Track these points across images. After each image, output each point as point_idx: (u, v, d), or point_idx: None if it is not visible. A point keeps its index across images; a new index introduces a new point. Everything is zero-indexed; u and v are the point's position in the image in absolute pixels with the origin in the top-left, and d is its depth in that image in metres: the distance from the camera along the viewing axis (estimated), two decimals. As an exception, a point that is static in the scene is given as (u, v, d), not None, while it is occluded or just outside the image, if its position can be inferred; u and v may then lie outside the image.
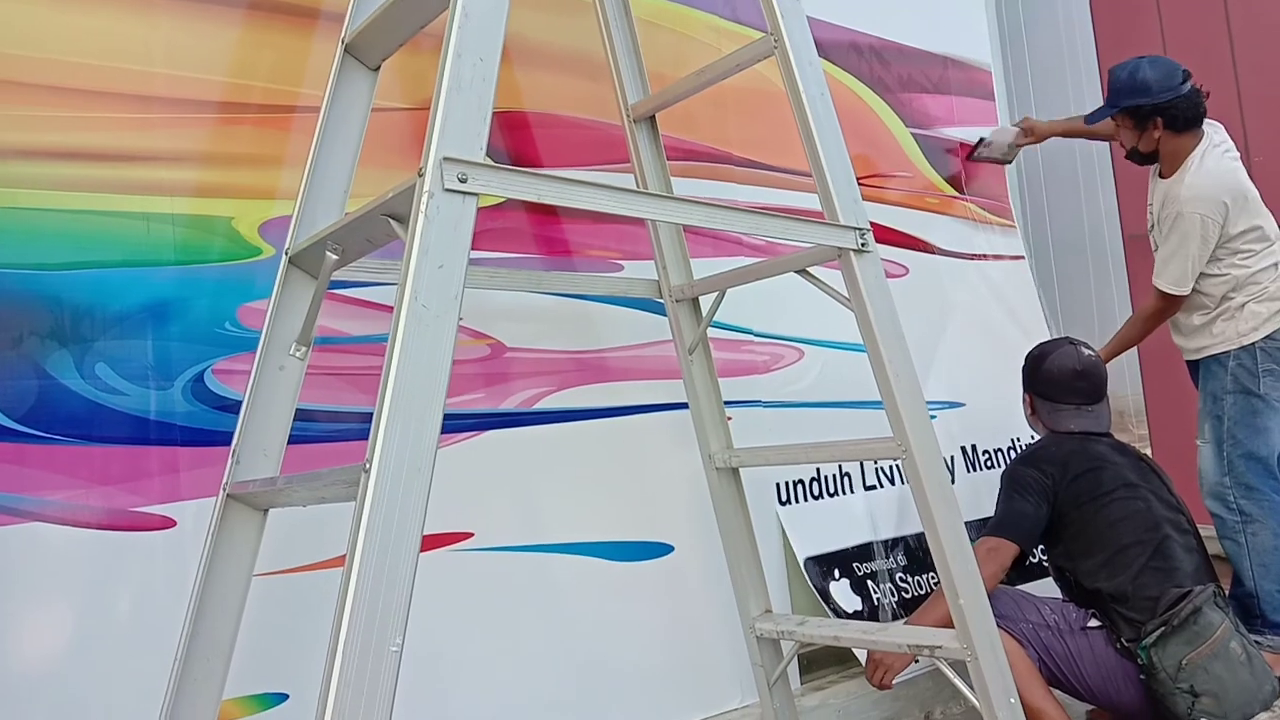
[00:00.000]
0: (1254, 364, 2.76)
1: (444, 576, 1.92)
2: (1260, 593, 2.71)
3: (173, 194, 1.75)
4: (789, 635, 2.03)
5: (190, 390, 1.72)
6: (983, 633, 1.77)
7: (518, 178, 1.35)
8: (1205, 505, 2.82)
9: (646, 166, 2.11)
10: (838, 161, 1.78)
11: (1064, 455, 2.42)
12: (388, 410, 1.13)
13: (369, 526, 1.09)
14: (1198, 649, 2.14)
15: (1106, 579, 2.25)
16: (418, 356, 1.16)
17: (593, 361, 2.23)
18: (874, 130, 3.06)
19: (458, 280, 1.20)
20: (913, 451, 1.75)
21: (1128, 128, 2.86)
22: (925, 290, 3.07)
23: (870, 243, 1.77)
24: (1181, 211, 2.75)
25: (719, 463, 2.09)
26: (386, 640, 1.07)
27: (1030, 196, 4.19)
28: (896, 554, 2.66)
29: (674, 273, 2.14)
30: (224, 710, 1.65)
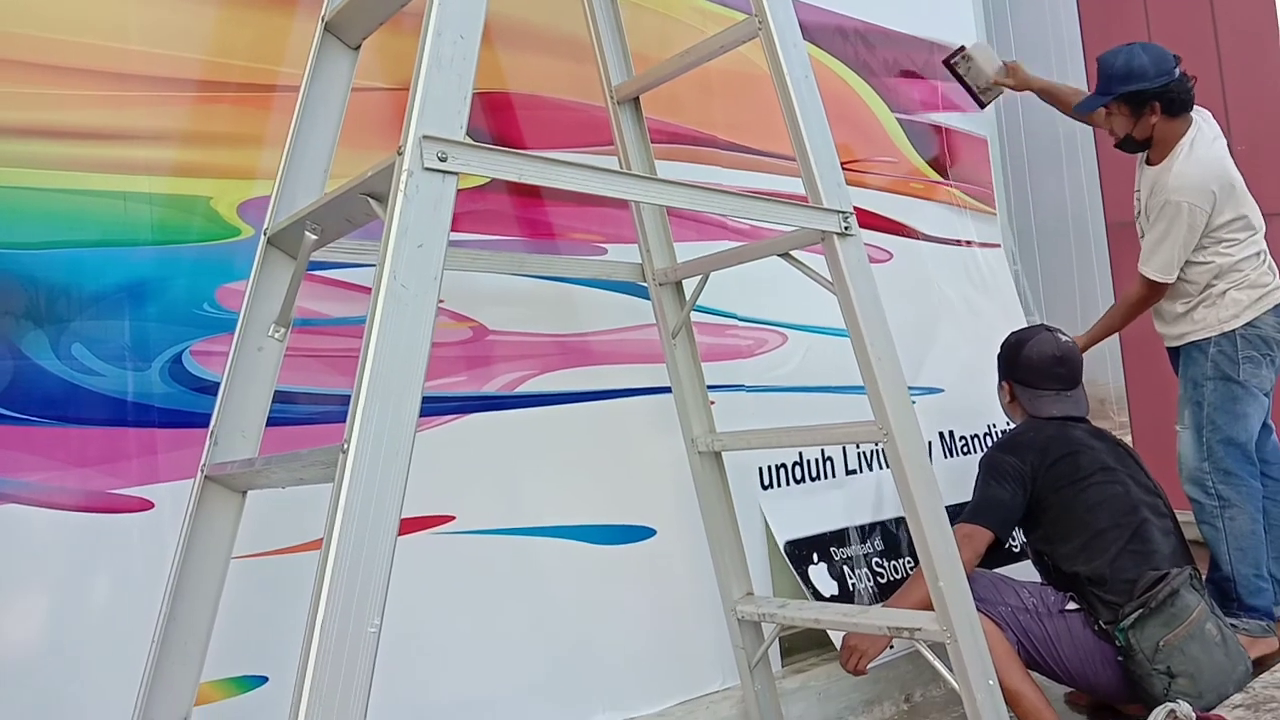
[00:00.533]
0: (1234, 351, 2.78)
1: (426, 559, 1.91)
2: (1237, 577, 2.75)
3: (150, 173, 1.72)
4: (770, 618, 2.04)
5: (168, 371, 1.70)
6: (962, 615, 1.78)
7: (499, 157, 1.34)
8: (1184, 490, 2.85)
9: (630, 148, 2.10)
10: (821, 144, 1.78)
11: (1042, 441, 2.44)
12: (366, 390, 1.12)
13: (347, 507, 1.08)
14: (1174, 631, 2.16)
15: (1084, 562, 2.27)
16: (396, 337, 1.15)
17: (576, 345, 2.23)
18: (859, 114, 3.06)
19: (437, 260, 1.19)
20: (894, 435, 1.76)
21: (1123, 115, 2.84)
22: (908, 276, 3.08)
23: (853, 226, 1.77)
24: (1169, 199, 2.76)
25: (701, 446, 2.09)
26: (365, 621, 1.07)
27: (1014, 183, 4.20)
28: (874, 539, 2.67)
29: (657, 256, 2.13)
30: (203, 693, 1.64)
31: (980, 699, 1.78)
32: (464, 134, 1.25)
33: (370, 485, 1.10)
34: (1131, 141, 2.89)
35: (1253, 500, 2.77)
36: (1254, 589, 2.74)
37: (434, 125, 1.22)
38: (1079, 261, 4.32)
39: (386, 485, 1.11)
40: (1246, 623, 2.70)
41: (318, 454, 1.23)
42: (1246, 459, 2.78)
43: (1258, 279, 2.80)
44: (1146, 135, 2.84)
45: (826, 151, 1.78)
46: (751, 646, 2.10)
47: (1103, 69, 2.86)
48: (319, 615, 1.05)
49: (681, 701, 2.24)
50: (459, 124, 1.25)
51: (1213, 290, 2.81)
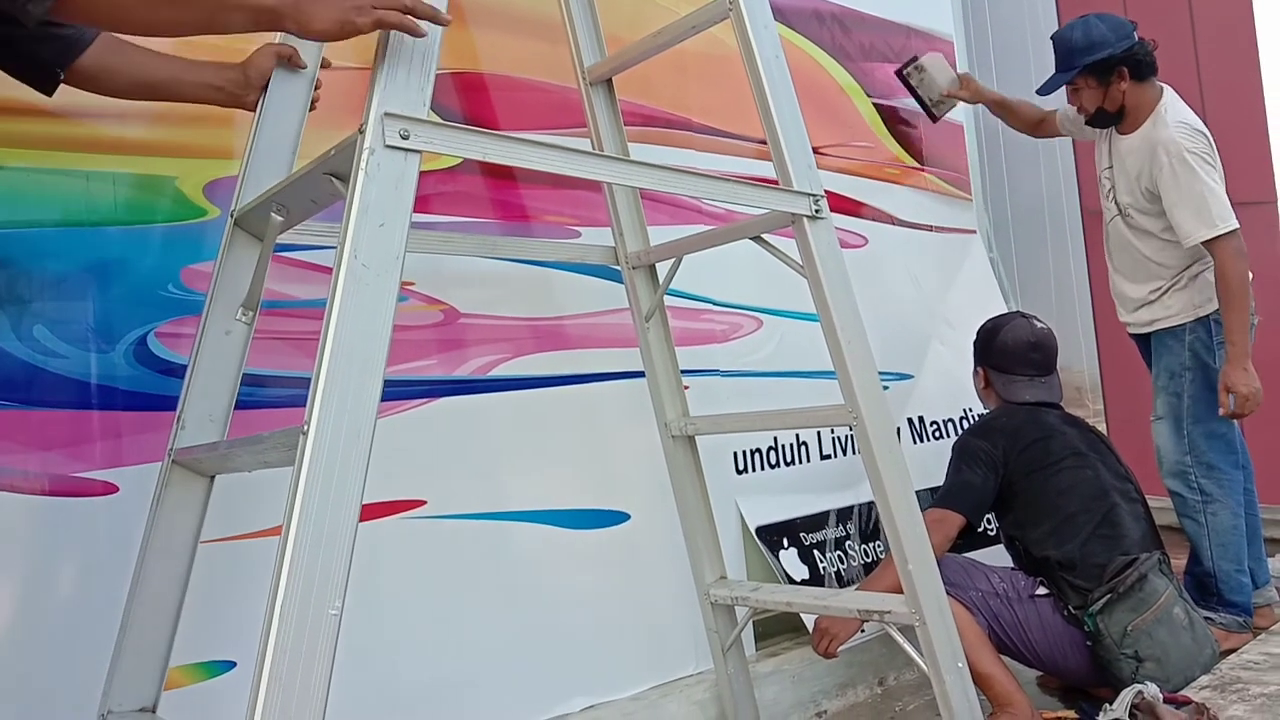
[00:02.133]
0: (1209, 337, 2.71)
1: (396, 544, 1.90)
2: (1218, 572, 2.70)
3: (114, 152, 1.69)
4: (743, 601, 2.04)
5: (133, 353, 1.68)
6: (931, 598, 1.78)
7: (463, 135, 1.32)
8: (1165, 484, 2.79)
9: (603, 130, 2.08)
10: (792, 126, 1.76)
11: (1014, 426, 2.45)
12: (326, 372, 1.11)
13: (307, 489, 1.07)
14: (1142, 615, 2.18)
15: (1055, 546, 2.28)
16: (357, 317, 1.14)
17: (549, 329, 2.21)
18: (835, 99, 3.06)
19: (399, 239, 1.18)
20: (863, 419, 1.75)
21: (1090, 88, 2.77)
22: (883, 261, 3.08)
23: (824, 209, 1.76)
24: (1177, 156, 2.62)
25: (675, 431, 2.09)
26: (325, 604, 1.06)
27: (990, 169, 4.21)
28: (846, 523, 2.68)
29: (630, 239, 2.11)
30: (171, 678, 1.62)
31: (949, 681, 1.78)
32: (428, 112, 1.24)
33: (331, 468, 1.09)
34: (1103, 114, 2.81)
35: (1234, 494, 2.72)
36: (1235, 585, 2.70)
37: (396, 103, 1.21)
38: (1054, 248, 4.34)
39: (347, 468, 1.10)
40: (1224, 617, 2.67)
41: (279, 436, 1.21)
42: (1229, 449, 2.73)
43: None
44: (1118, 105, 2.76)
45: (797, 134, 1.77)
46: (725, 630, 2.09)
47: (1061, 45, 2.79)
48: (278, 599, 1.04)
49: (655, 685, 2.24)
50: (422, 101, 1.24)
51: (1187, 272, 2.74)
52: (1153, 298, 2.81)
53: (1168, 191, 2.65)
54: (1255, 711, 1.99)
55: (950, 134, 3.48)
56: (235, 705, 1.66)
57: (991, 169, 4.24)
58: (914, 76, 3.12)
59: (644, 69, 2.11)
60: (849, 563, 2.64)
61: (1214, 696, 2.08)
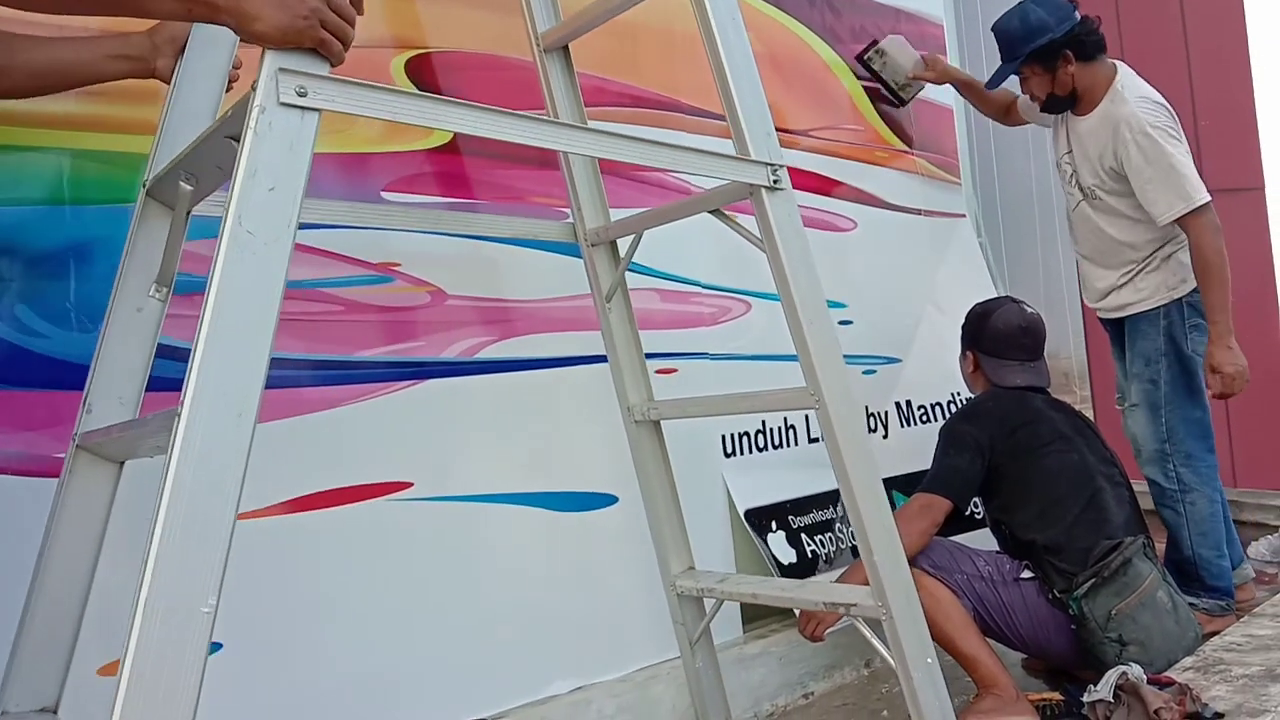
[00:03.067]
0: (1183, 320, 2.68)
1: (382, 527, 1.90)
2: (1199, 560, 2.70)
3: (100, 129, 1.67)
4: (710, 592, 1.97)
5: (116, 334, 1.66)
6: (899, 591, 1.70)
7: (369, 93, 1.20)
8: (1143, 472, 2.77)
9: (559, 100, 1.98)
10: (749, 92, 1.67)
11: (1001, 410, 2.45)
12: (204, 349, 1.02)
13: (177, 475, 0.99)
14: (1126, 600, 2.20)
15: (1041, 530, 2.29)
16: (241, 288, 1.05)
17: (538, 311, 2.21)
18: (824, 81, 3.04)
19: (292, 205, 1.09)
20: (825, 401, 1.67)
21: (1037, 75, 2.74)
22: (872, 244, 3.08)
23: (783, 180, 1.68)
24: (1140, 133, 2.59)
25: (638, 415, 2.01)
26: (197, 601, 0.98)
27: (979, 153, 4.21)
28: (834, 506, 2.69)
29: (589, 215, 2.01)
30: (156, 660, 1.62)
31: (918, 677, 1.69)
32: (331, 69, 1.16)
33: (207, 453, 1.01)
34: (1055, 100, 2.77)
35: (1211, 482, 2.71)
36: (1216, 570, 2.71)
37: (294, 58, 1.12)
38: (1043, 234, 4.34)
39: (226, 453, 1.02)
40: (1206, 602, 2.68)
41: (161, 419, 1.11)
42: (1205, 435, 2.72)
43: None
44: (1068, 88, 2.72)
45: (755, 100, 1.67)
46: (692, 622, 2.03)
47: (1002, 36, 2.75)
48: (143, 594, 0.95)
49: (643, 667, 2.24)
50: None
51: (1159, 254, 2.70)
52: (1123, 281, 2.76)
53: (1136, 171, 2.61)
54: (1237, 692, 2.00)
55: (940, 117, 3.48)
56: (222, 687, 1.67)
57: (981, 153, 4.24)
58: (875, 61, 3.08)
59: (634, 50, 2.09)
60: (838, 545, 2.64)
61: (1197, 677, 2.09)
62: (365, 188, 1.97)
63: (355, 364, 1.92)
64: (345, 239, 1.91)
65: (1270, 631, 2.41)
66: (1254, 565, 3.39)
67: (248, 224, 1.06)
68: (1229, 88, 5.70)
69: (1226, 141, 5.32)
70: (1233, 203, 5.49)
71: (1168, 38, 4.89)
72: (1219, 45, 5.46)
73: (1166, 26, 4.88)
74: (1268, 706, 1.91)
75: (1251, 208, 5.81)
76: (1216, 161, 2.95)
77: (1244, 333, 3.01)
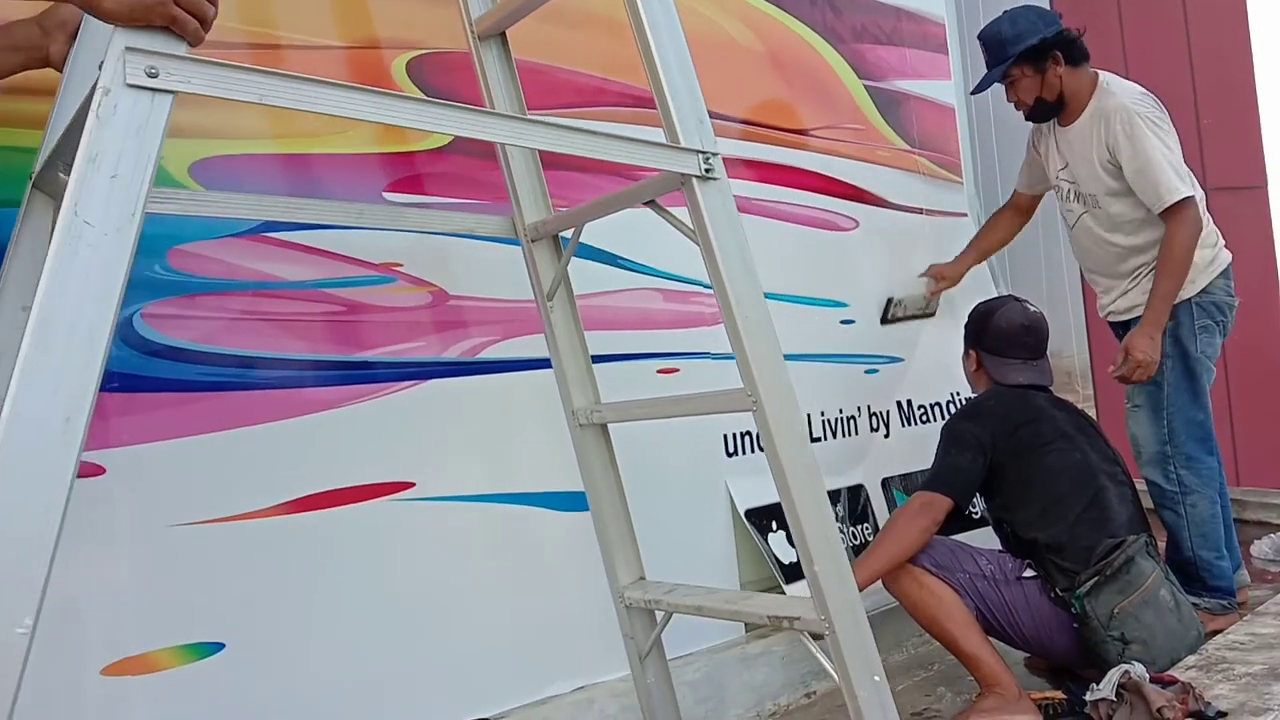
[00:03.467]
0: (1191, 322, 2.67)
1: (385, 527, 1.90)
2: (1199, 561, 2.70)
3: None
4: (657, 604, 1.86)
5: (119, 334, 1.66)
6: (843, 604, 1.58)
7: (229, 74, 1.10)
8: (1142, 473, 2.76)
9: (495, 90, 1.85)
10: (679, 73, 1.57)
11: (1003, 409, 2.45)
12: (30, 344, 0.95)
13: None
14: (1129, 598, 2.20)
15: (1043, 529, 2.29)
16: (75, 282, 0.97)
17: (537, 311, 2.20)
18: (826, 80, 3.04)
19: (136, 195, 1.02)
20: (763, 403, 1.57)
21: (1027, 76, 2.75)
22: (874, 244, 3.08)
23: (717, 168, 1.58)
24: (1127, 121, 2.61)
25: (583, 419, 1.90)
26: (13, 621, 0.91)
27: (981, 153, 4.21)
28: (834, 506, 2.69)
29: (529, 209, 1.89)
30: (157, 660, 1.64)
31: (863, 696, 1.56)
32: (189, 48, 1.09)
33: (29, 459, 0.93)
34: (1043, 105, 2.78)
35: (1211, 484, 2.70)
36: (1217, 571, 2.71)
37: (144, 36, 1.04)
38: (1045, 233, 4.34)
39: (52, 460, 0.94)
40: (1208, 602, 2.68)
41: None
42: (1207, 436, 2.71)
43: (1207, 236, 2.68)
44: (1056, 92, 2.74)
45: (685, 81, 1.57)
46: (642, 635, 1.90)
47: (989, 40, 2.78)
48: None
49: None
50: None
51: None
52: (1132, 285, 2.77)
53: (1127, 161, 2.64)
54: (1240, 690, 2.00)
55: (941, 116, 3.48)
56: (224, 687, 1.68)
57: (983, 152, 4.24)
58: (898, 311, 3.09)
59: (633, 52, 2.08)
60: (838, 545, 2.64)
61: (1200, 676, 2.09)
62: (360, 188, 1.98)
63: (357, 364, 1.92)
64: (346, 239, 1.91)
65: (1273, 630, 2.41)
66: (1257, 563, 3.39)
67: (85, 214, 0.99)
68: (1231, 86, 5.69)
69: (1229, 140, 5.32)
70: (1235, 201, 5.50)
71: (1170, 37, 4.89)
72: (1221, 44, 5.45)
73: (1169, 26, 4.88)
74: (1270, 705, 1.91)
75: (1254, 206, 5.80)
76: (1219, 160, 2.94)
77: (1247, 331, 3.00)
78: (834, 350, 2.76)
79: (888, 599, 2.37)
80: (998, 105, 4.23)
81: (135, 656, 1.61)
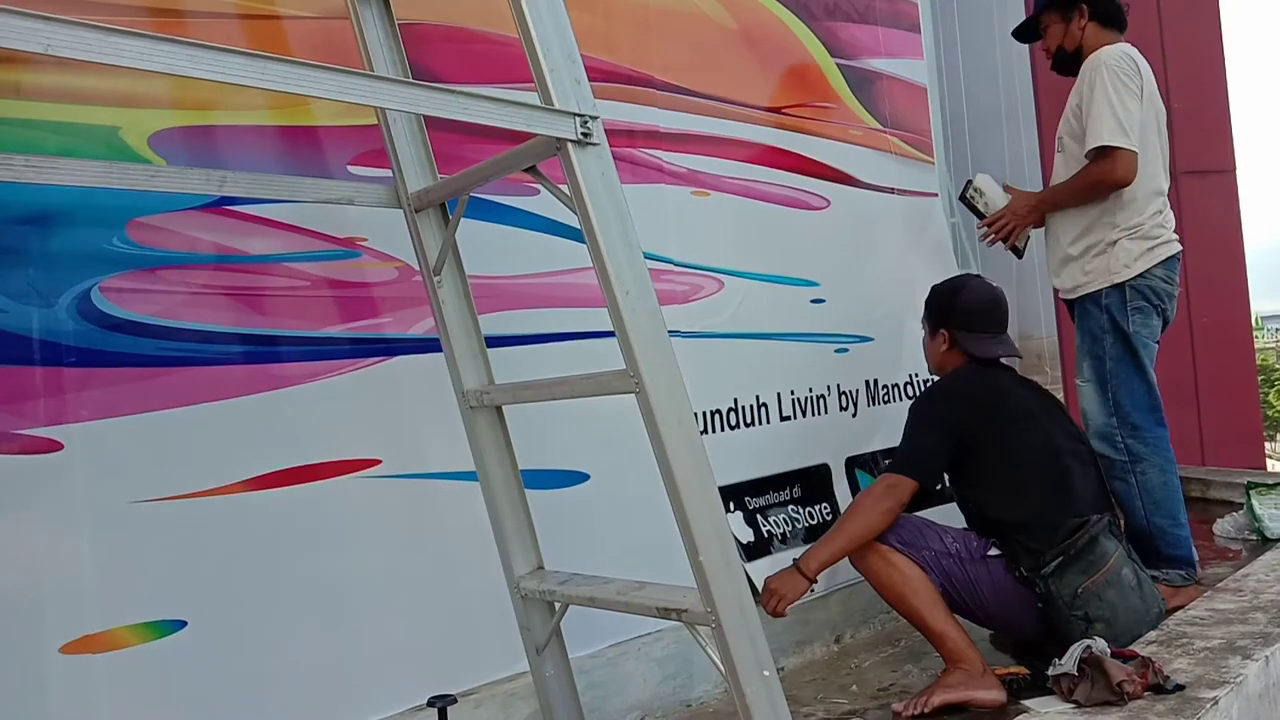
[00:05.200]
0: (1124, 302, 2.73)
1: (349, 503, 1.89)
2: (1154, 530, 2.75)
3: (54, 100, 1.64)
4: (553, 595, 1.79)
5: (76, 309, 1.63)
6: (729, 597, 1.50)
7: (9, 20, 0.99)
8: (1094, 446, 2.78)
9: (374, 52, 1.76)
10: (552, 28, 1.47)
11: (971, 389, 2.46)
12: None
13: None
14: (1092, 578, 2.22)
15: (1008, 508, 2.31)
16: None
17: (508, 288, 2.19)
18: (799, 58, 3.03)
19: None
20: (646, 386, 1.48)
21: (1055, 23, 2.84)
22: (845, 223, 3.08)
23: (596, 132, 1.48)
24: (1096, 70, 2.69)
25: (474, 401, 1.81)
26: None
27: (953, 133, 4.22)
28: (793, 487, 2.69)
29: (412, 177, 1.79)
30: (121, 637, 1.62)
31: (751, 692, 1.50)
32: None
33: None
34: (1062, 56, 2.85)
35: (1160, 452, 2.75)
36: (1172, 540, 2.75)
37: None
38: (1016, 214, 4.36)
39: None
40: (1167, 573, 2.72)
41: None
42: (1154, 407, 2.76)
43: (1150, 230, 2.74)
44: (1076, 43, 2.81)
45: (560, 37, 1.47)
46: (540, 627, 1.82)
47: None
48: None
49: (614, 643, 2.24)
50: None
51: (1104, 239, 2.75)
52: (1075, 252, 2.81)
53: (1085, 104, 2.70)
54: (1198, 664, 2.03)
55: (913, 95, 3.48)
56: (185, 665, 1.67)
57: (954, 132, 4.25)
58: (978, 199, 3.01)
59: (607, 24, 2.06)
60: (793, 525, 2.66)
61: (1160, 651, 2.12)
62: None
63: (321, 340, 1.90)
64: (311, 213, 1.89)
65: (1232, 606, 2.45)
66: (1219, 542, 3.44)
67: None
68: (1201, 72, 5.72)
69: (1198, 125, 5.36)
70: (1204, 184, 5.54)
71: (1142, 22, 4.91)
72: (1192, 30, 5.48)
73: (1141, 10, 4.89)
74: (1227, 678, 1.94)
75: (1222, 189, 5.86)
76: (1188, 144, 2.97)
77: (1214, 312, 3.03)
78: (804, 329, 2.77)
79: (856, 574, 2.38)
80: (969, 86, 4.24)
81: (95, 634, 1.59)
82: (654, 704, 2.26)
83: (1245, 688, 1.96)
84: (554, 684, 1.86)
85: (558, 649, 1.88)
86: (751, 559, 2.49)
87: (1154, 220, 2.75)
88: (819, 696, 2.35)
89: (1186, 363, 6.16)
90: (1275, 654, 2.11)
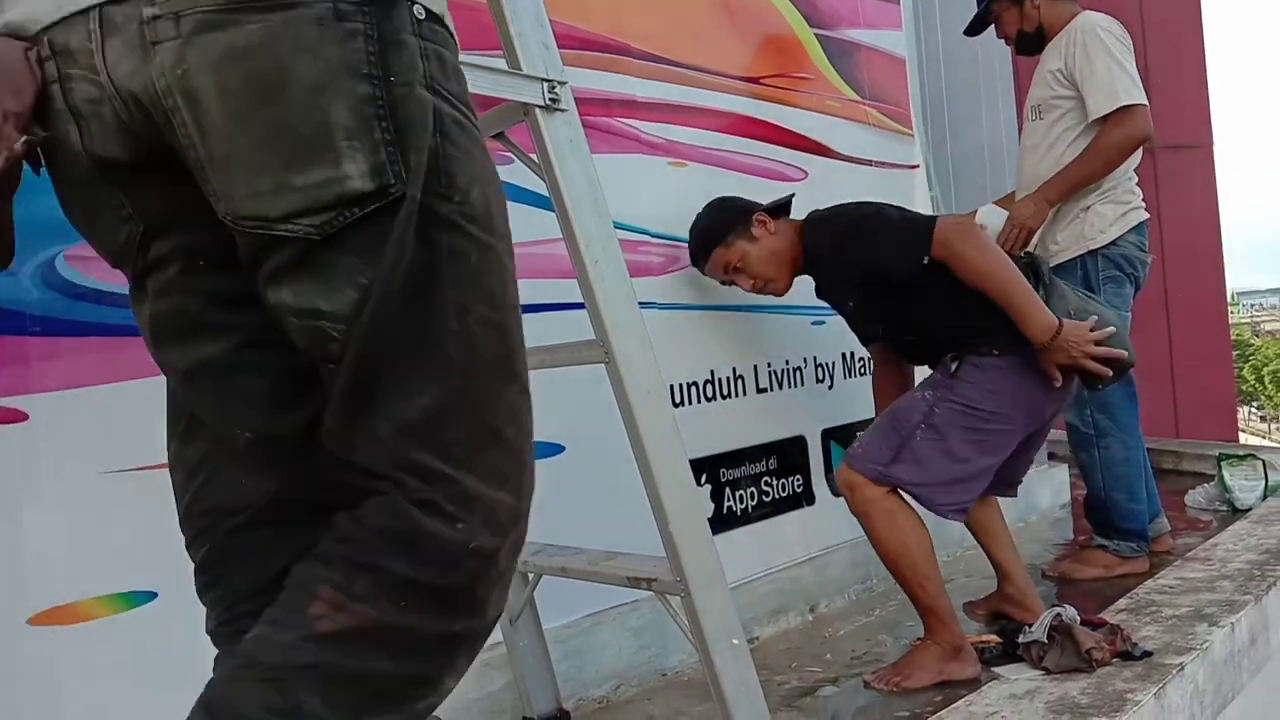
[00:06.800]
0: (1096, 271, 2.74)
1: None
2: (1110, 503, 2.78)
3: (15, 64, 1.60)
4: (525, 565, 1.81)
5: (40, 277, 1.61)
6: (699, 564, 1.51)
7: None
8: (1062, 417, 2.80)
9: None
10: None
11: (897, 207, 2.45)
12: None
13: None
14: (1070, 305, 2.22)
15: (974, 300, 2.18)
16: None
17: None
18: (776, 28, 3.01)
19: None
20: (615, 355, 1.48)
21: (1007, 10, 2.85)
22: (823, 195, 3.06)
23: (565, 98, 1.47)
24: (1089, 32, 2.67)
25: None
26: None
27: (931, 105, 4.21)
28: (767, 459, 2.70)
29: None
30: (90, 608, 1.61)
31: (719, 661, 1.50)
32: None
33: None
34: (1024, 38, 2.86)
35: (1125, 427, 2.76)
36: (1127, 513, 2.78)
37: None
38: (993, 186, 4.37)
39: None
40: (1119, 544, 2.77)
41: None
42: (1125, 382, 2.71)
43: (1122, 195, 2.75)
44: (1035, 23, 2.82)
45: (529, 1, 1.46)
46: (513, 597, 1.83)
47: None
48: None
49: (589, 614, 2.25)
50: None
51: (1078, 204, 2.75)
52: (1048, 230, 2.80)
53: (1079, 68, 2.68)
54: (1166, 632, 2.06)
55: (892, 67, 3.47)
56: (155, 636, 1.66)
57: (933, 104, 4.24)
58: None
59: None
60: (760, 499, 2.66)
61: (1129, 619, 2.15)
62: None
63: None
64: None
65: (1201, 574, 2.49)
66: (1191, 512, 3.49)
67: None
68: (1180, 47, 5.73)
69: (1176, 100, 5.38)
70: (1180, 159, 5.56)
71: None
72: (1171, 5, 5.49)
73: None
74: (1193, 644, 1.97)
75: (1199, 163, 5.90)
76: (1165, 120, 2.97)
77: (1189, 286, 3.05)
78: (782, 301, 2.76)
79: (830, 543, 2.39)
80: (948, 58, 4.23)
81: (64, 605, 1.58)
82: (629, 673, 2.27)
83: (1211, 654, 2.00)
84: (528, 654, 1.87)
85: (531, 619, 1.88)
86: (727, 529, 2.49)
87: (1126, 185, 2.77)
88: (793, 665, 2.36)
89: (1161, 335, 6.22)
90: (1241, 621, 2.15)
